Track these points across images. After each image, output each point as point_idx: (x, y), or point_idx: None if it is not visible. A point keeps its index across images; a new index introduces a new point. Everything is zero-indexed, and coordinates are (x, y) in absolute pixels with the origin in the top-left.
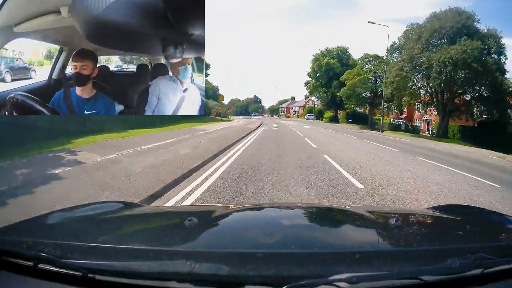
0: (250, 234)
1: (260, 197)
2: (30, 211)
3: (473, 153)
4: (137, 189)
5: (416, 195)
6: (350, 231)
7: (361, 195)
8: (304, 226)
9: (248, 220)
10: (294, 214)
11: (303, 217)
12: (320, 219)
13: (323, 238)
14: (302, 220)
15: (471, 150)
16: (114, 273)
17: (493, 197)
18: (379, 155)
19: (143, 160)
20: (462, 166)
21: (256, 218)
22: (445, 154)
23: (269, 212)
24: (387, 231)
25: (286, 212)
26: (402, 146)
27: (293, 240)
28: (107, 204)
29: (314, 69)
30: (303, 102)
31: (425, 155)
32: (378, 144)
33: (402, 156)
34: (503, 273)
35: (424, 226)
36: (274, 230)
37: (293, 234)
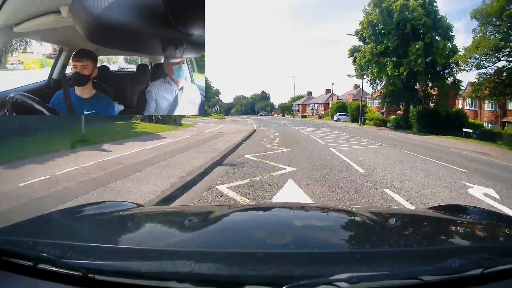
0: (250, 234)
1: None
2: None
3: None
4: None
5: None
6: (350, 231)
7: None
8: (304, 226)
9: (248, 220)
10: (294, 214)
11: (303, 217)
12: (320, 219)
13: (323, 238)
14: (302, 220)
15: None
16: (114, 273)
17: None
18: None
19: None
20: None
21: (256, 218)
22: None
23: (269, 212)
24: (387, 231)
25: (286, 212)
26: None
27: (293, 240)
28: (107, 204)
29: (371, 20)
30: (323, 97)
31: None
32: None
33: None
34: (503, 273)
35: (424, 226)
36: (274, 230)
37: (293, 234)
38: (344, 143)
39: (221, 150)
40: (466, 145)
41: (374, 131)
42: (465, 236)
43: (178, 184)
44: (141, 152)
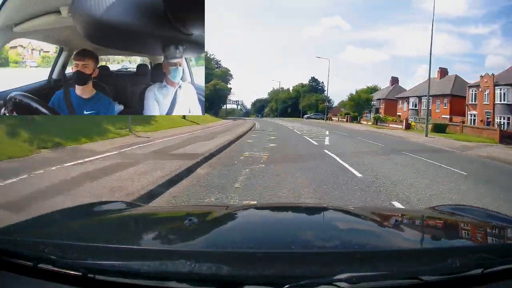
0: (250, 234)
1: None
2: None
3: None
4: None
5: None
6: (350, 231)
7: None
8: (304, 226)
9: (248, 220)
10: (294, 214)
11: (303, 217)
12: (320, 219)
13: (323, 238)
14: (302, 220)
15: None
16: (114, 273)
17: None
18: None
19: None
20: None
21: (256, 218)
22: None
23: (269, 212)
24: (387, 231)
25: (286, 212)
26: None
27: (293, 240)
28: (107, 204)
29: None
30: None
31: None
32: None
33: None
34: (503, 273)
35: (424, 226)
36: (274, 230)
37: (293, 234)
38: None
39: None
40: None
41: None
42: (465, 236)
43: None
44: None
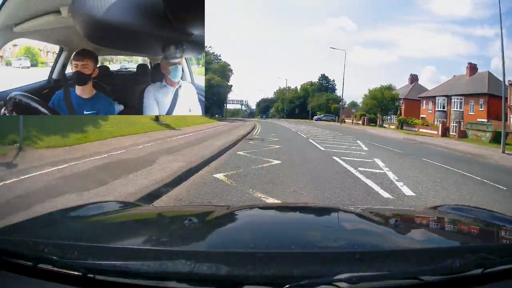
0: (250, 234)
1: None
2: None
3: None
4: None
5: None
6: (350, 231)
7: None
8: (304, 226)
9: (248, 220)
10: (294, 214)
11: (303, 217)
12: (320, 219)
13: (323, 238)
14: (302, 220)
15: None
16: (114, 273)
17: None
18: None
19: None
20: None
21: (256, 218)
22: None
23: (269, 212)
24: (387, 231)
25: (286, 212)
26: None
27: (293, 240)
28: (107, 204)
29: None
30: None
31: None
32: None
33: None
34: (503, 273)
35: (424, 226)
36: (274, 230)
37: (293, 234)
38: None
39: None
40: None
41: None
42: (465, 236)
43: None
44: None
